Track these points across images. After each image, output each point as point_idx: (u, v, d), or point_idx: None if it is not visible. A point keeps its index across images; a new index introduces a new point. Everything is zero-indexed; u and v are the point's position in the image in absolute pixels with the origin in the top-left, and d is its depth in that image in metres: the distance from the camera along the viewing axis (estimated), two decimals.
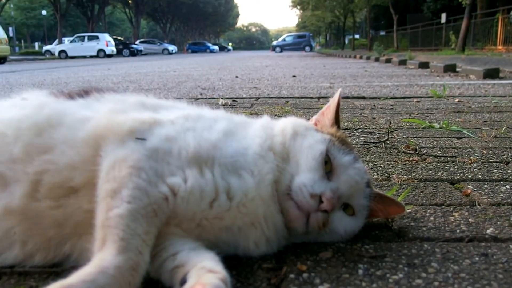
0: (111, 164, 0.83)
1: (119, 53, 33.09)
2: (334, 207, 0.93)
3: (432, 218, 1.15)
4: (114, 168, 0.82)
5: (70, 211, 0.87)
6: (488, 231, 1.06)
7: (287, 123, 1.05)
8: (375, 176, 1.58)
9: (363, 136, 2.32)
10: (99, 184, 0.82)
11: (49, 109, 0.97)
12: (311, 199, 0.91)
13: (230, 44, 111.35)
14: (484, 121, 2.74)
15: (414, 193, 1.38)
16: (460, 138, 2.23)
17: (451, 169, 1.65)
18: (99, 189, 0.81)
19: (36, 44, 59.94)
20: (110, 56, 30.21)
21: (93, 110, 0.97)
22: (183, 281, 0.77)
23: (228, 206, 0.87)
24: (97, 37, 31.47)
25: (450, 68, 8.37)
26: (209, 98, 4.40)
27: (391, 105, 3.63)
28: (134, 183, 0.80)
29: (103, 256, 0.73)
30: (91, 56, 30.17)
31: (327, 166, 0.96)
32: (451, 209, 1.22)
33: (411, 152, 1.95)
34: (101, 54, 30.19)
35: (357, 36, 47.09)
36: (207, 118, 0.99)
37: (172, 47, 45.33)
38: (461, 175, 1.57)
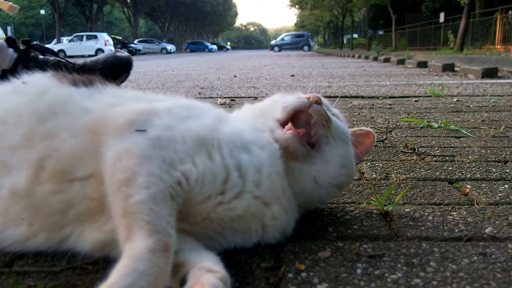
0: (115, 156, 0.81)
1: None
2: (320, 102, 1.04)
3: (430, 218, 1.15)
4: (120, 160, 0.81)
5: (73, 198, 0.87)
6: (486, 231, 1.06)
7: (246, 108, 1.17)
8: (374, 176, 1.58)
9: None
10: (107, 178, 0.81)
11: (50, 96, 0.96)
12: (298, 100, 1.03)
13: (229, 43, 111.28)
14: (483, 121, 2.74)
15: (412, 192, 1.38)
16: (459, 137, 2.23)
17: (450, 168, 1.65)
18: (109, 181, 0.80)
19: None
20: None
21: (95, 101, 0.98)
22: (183, 281, 0.76)
23: (241, 185, 0.88)
24: (95, 37, 31.48)
25: (448, 68, 8.38)
26: (207, 98, 4.40)
27: (390, 104, 3.62)
28: (146, 170, 0.79)
29: (133, 244, 0.72)
30: (90, 56, 30.14)
31: None
32: (450, 208, 1.22)
33: (409, 151, 1.95)
34: (99, 53, 30.11)
35: (355, 36, 47.09)
36: (199, 107, 1.02)
37: (170, 47, 45.36)
38: (459, 174, 1.57)
